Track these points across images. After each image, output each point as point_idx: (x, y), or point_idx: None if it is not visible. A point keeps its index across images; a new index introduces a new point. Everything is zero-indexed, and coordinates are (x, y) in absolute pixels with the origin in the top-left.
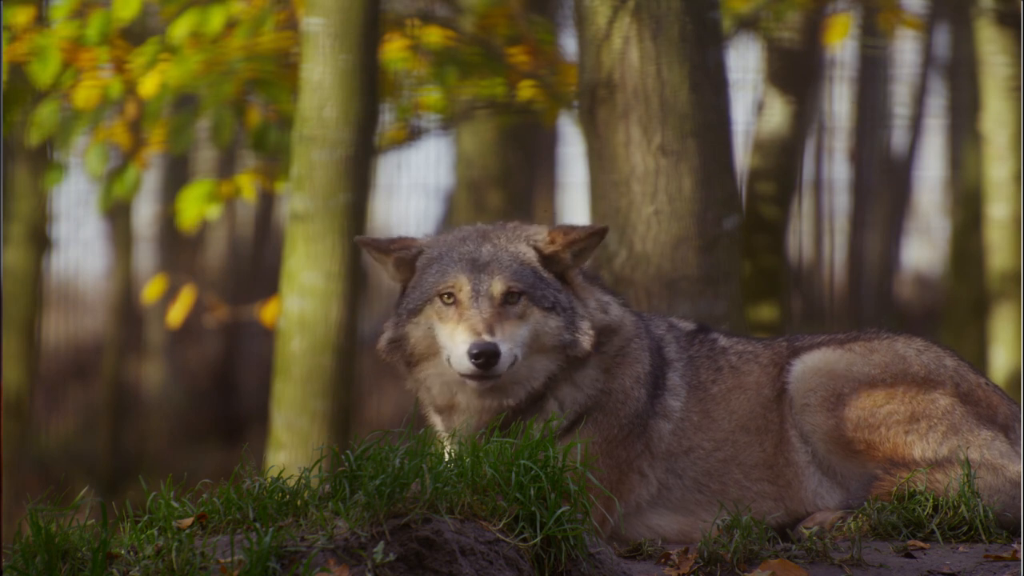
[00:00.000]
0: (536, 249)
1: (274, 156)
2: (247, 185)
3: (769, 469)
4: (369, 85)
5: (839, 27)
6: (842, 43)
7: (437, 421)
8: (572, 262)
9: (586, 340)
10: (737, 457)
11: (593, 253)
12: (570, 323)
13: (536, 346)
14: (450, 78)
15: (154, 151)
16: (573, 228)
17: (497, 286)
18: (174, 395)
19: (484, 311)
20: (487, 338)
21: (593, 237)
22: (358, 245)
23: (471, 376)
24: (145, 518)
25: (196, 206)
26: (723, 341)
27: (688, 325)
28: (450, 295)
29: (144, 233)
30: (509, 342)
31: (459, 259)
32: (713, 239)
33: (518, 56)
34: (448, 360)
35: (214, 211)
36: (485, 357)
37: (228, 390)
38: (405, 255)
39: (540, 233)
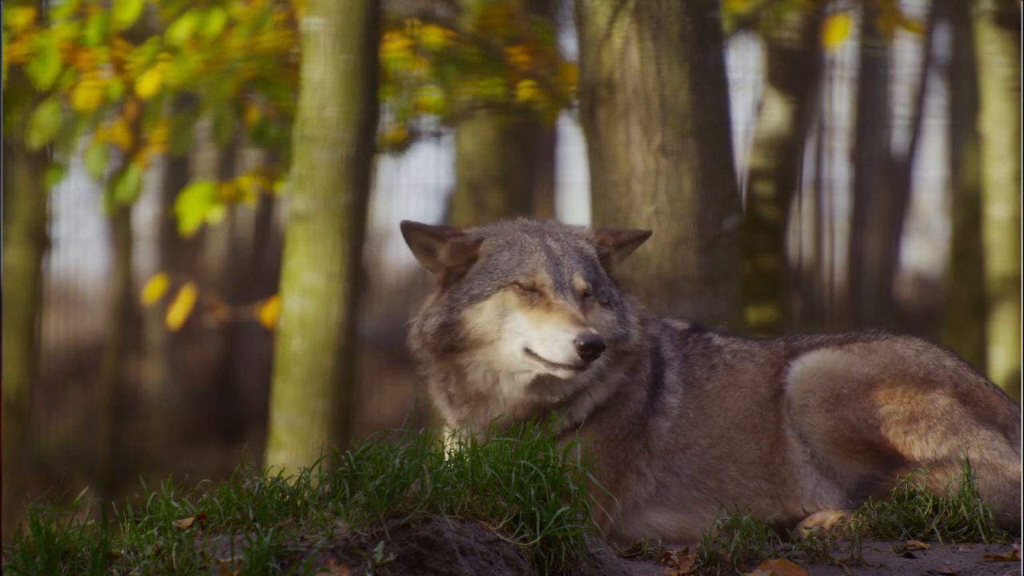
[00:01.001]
0: (593, 245)
1: (274, 152)
2: (248, 188)
3: (765, 467)
4: (370, 85)
5: (839, 27)
6: (842, 43)
7: (452, 414)
8: (617, 262)
9: (635, 334)
10: (733, 454)
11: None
12: (622, 317)
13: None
14: (450, 78)
15: (155, 151)
16: (620, 231)
17: (579, 281)
18: (174, 395)
19: (573, 304)
20: (593, 330)
21: (638, 241)
22: (406, 230)
23: (570, 366)
24: (145, 518)
25: (197, 208)
26: (717, 340)
27: (682, 324)
28: (531, 285)
29: (144, 233)
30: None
31: (535, 249)
32: (713, 239)
33: (518, 56)
34: (527, 350)
35: (216, 213)
36: (593, 349)
37: (228, 390)
38: (463, 241)
39: (589, 233)
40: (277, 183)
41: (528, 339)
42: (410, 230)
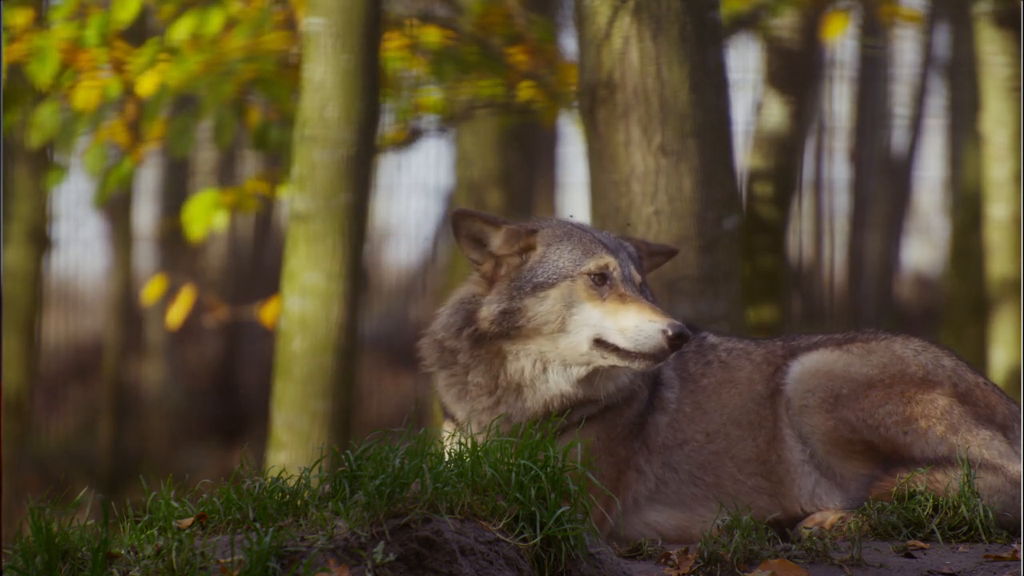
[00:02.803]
0: (639, 252)
1: (275, 155)
2: (251, 194)
3: (762, 465)
4: (370, 85)
5: (837, 22)
6: (841, 41)
7: (462, 407)
8: (645, 271)
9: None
10: (730, 450)
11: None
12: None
13: None
14: (449, 77)
15: (151, 148)
16: (652, 243)
17: (637, 276)
18: (174, 395)
19: (641, 295)
20: (678, 320)
21: (666, 256)
22: (457, 217)
23: (654, 356)
24: (145, 518)
25: (204, 216)
26: (712, 338)
27: None
28: (602, 276)
29: (144, 233)
30: None
31: (596, 243)
32: (713, 239)
33: (517, 56)
34: (598, 341)
35: (220, 219)
36: (682, 339)
37: (228, 390)
38: (519, 228)
39: (623, 236)
40: (279, 188)
41: (602, 330)
42: (463, 217)
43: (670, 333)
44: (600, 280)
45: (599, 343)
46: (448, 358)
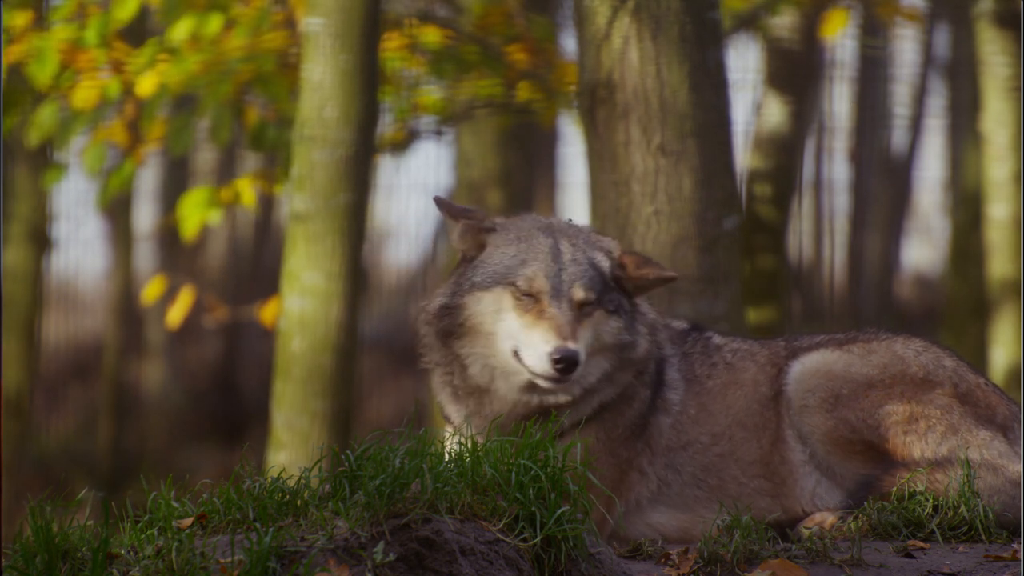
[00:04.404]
0: (610, 262)
1: (272, 154)
2: (247, 190)
3: (765, 466)
4: (369, 85)
5: (836, 19)
6: (841, 40)
7: (456, 410)
8: (632, 291)
9: (643, 342)
10: (734, 453)
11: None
12: (630, 326)
13: (597, 346)
14: (448, 77)
15: (151, 148)
16: (646, 264)
17: (578, 292)
18: (174, 395)
19: (565, 314)
20: (571, 345)
21: (659, 282)
22: (435, 203)
23: (547, 378)
24: (145, 518)
25: (197, 213)
26: (717, 339)
27: (681, 324)
28: (528, 289)
29: (144, 233)
30: (584, 349)
31: (541, 251)
32: (713, 239)
33: (517, 55)
34: (516, 353)
35: (215, 217)
36: (567, 363)
37: (228, 390)
38: (475, 224)
39: (614, 249)
40: (277, 185)
41: (517, 343)
42: (436, 203)
43: (556, 357)
44: (527, 292)
45: (516, 355)
46: (430, 356)
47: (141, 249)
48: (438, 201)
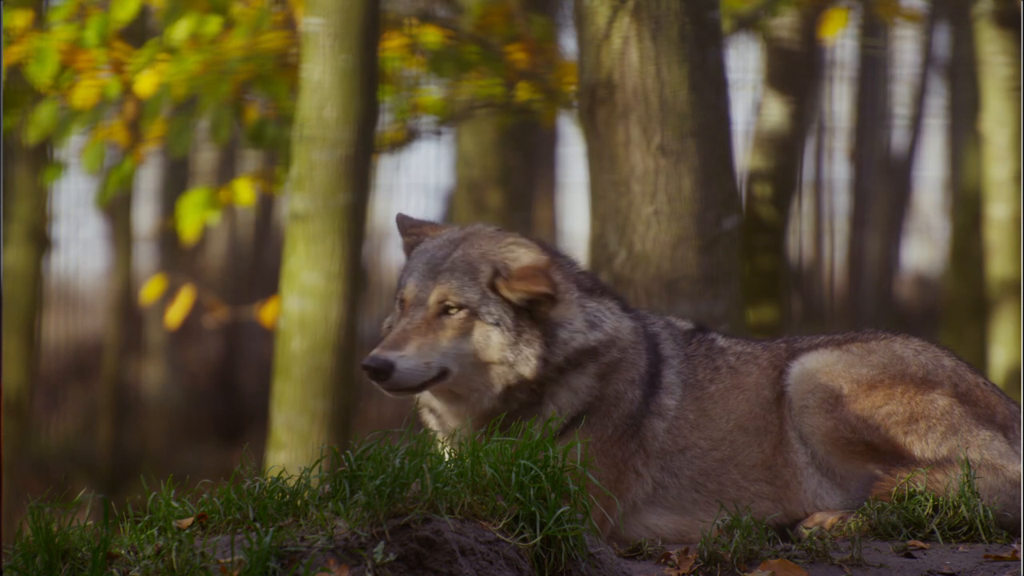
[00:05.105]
0: (496, 273)
1: (272, 154)
2: (246, 190)
3: (767, 470)
4: (369, 85)
5: (836, 19)
6: (841, 40)
7: (430, 420)
8: (520, 304)
9: (526, 367)
10: (735, 457)
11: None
12: (513, 344)
13: (483, 357)
14: (448, 77)
15: (151, 147)
16: (531, 277)
17: (436, 295)
18: (174, 395)
19: (415, 321)
20: (384, 353)
21: (539, 296)
22: (395, 220)
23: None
24: (145, 518)
25: (196, 214)
26: (721, 341)
27: (686, 324)
28: (402, 297)
29: (144, 233)
30: (430, 355)
31: (422, 264)
32: (713, 239)
33: (517, 55)
34: None
35: (214, 217)
36: (371, 371)
37: (228, 390)
38: (410, 242)
39: (514, 261)
40: (276, 185)
41: None
42: (396, 219)
43: (362, 363)
44: (402, 302)
45: None
46: None
47: (141, 249)
48: (398, 218)
